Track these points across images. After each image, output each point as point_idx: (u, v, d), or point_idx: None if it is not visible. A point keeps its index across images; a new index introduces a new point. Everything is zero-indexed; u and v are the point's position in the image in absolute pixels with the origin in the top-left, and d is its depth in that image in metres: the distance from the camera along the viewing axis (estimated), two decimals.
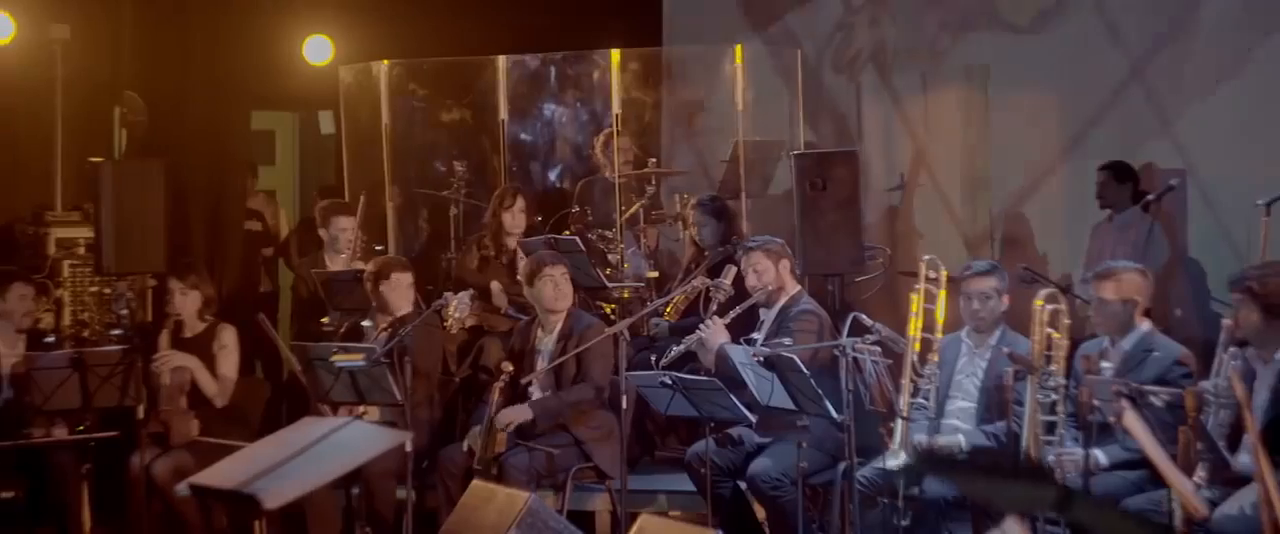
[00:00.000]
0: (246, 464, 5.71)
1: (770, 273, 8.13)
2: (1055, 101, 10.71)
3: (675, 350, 8.12)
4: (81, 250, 10.13)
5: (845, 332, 7.25)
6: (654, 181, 10.71)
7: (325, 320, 9.60)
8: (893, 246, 10.59)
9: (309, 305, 9.98)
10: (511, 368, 8.27)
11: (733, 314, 8.12)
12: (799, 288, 8.28)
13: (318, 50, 11.66)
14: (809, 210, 9.27)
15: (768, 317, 8.17)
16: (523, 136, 12.21)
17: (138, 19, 11.17)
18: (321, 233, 10.25)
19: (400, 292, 8.72)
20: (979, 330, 7.58)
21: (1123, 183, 9.83)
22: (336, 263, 10.01)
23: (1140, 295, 7.15)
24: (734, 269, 8.50)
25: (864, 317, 7.37)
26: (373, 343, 8.45)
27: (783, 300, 8.15)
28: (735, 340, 7.98)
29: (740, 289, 8.32)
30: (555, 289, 8.39)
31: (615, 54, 10.72)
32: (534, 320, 8.58)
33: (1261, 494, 5.91)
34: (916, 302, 7.47)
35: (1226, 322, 6.68)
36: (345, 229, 10.09)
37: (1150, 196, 9.49)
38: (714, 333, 8.02)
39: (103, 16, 11.05)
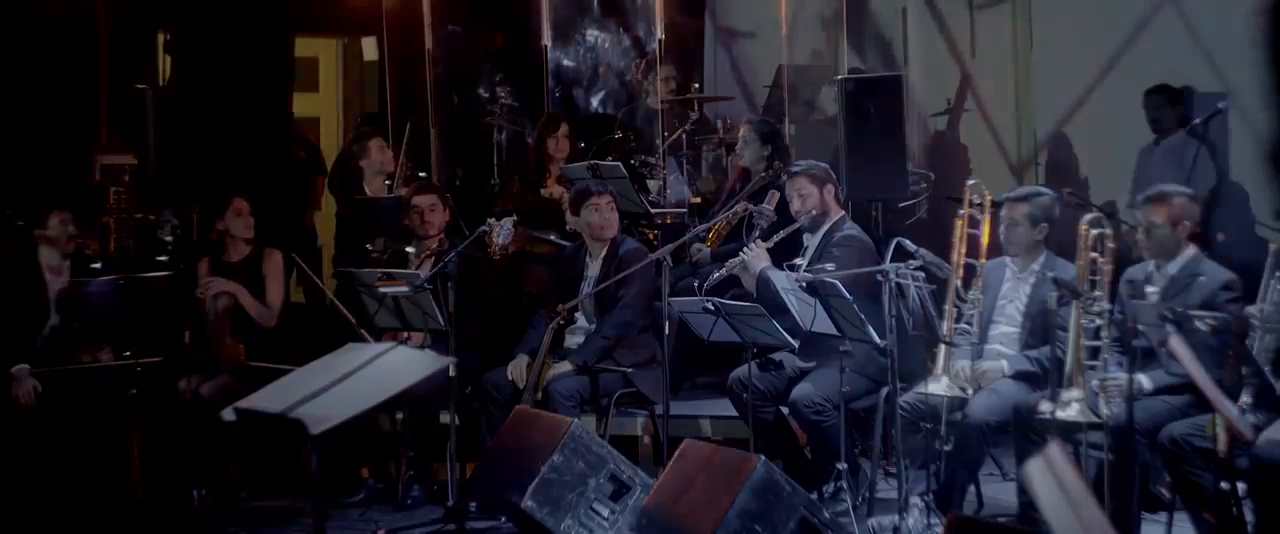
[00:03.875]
0: (292, 389, 5.73)
1: (814, 198, 8.10)
2: (1097, 24, 10.60)
3: (718, 274, 8.11)
4: (126, 177, 10.17)
5: (888, 257, 7.23)
6: (697, 107, 10.68)
7: (369, 247, 9.63)
8: (937, 172, 10.54)
9: (353, 231, 10.01)
10: (564, 308, 8.31)
11: (776, 238, 8.11)
12: (842, 213, 8.25)
13: None
14: (853, 136, 9.22)
15: (811, 242, 8.15)
16: (566, 62, 12.19)
17: None
18: (362, 163, 10.29)
19: (419, 214, 8.74)
20: (1013, 256, 7.54)
21: (1175, 106, 9.76)
22: (378, 189, 10.04)
23: (1189, 220, 7.10)
24: (777, 194, 8.48)
25: (907, 242, 7.35)
26: (416, 268, 8.48)
27: (826, 225, 8.12)
28: (777, 265, 7.97)
29: (783, 215, 8.30)
30: (600, 218, 8.40)
31: None
32: (583, 246, 8.60)
33: None
34: (960, 226, 7.43)
35: (1274, 246, 6.63)
36: (385, 153, 10.13)
37: (1197, 120, 9.40)
38: (756, 256, 8.01)
39: None
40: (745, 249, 8.11)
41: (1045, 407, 6.73)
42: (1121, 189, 9.94)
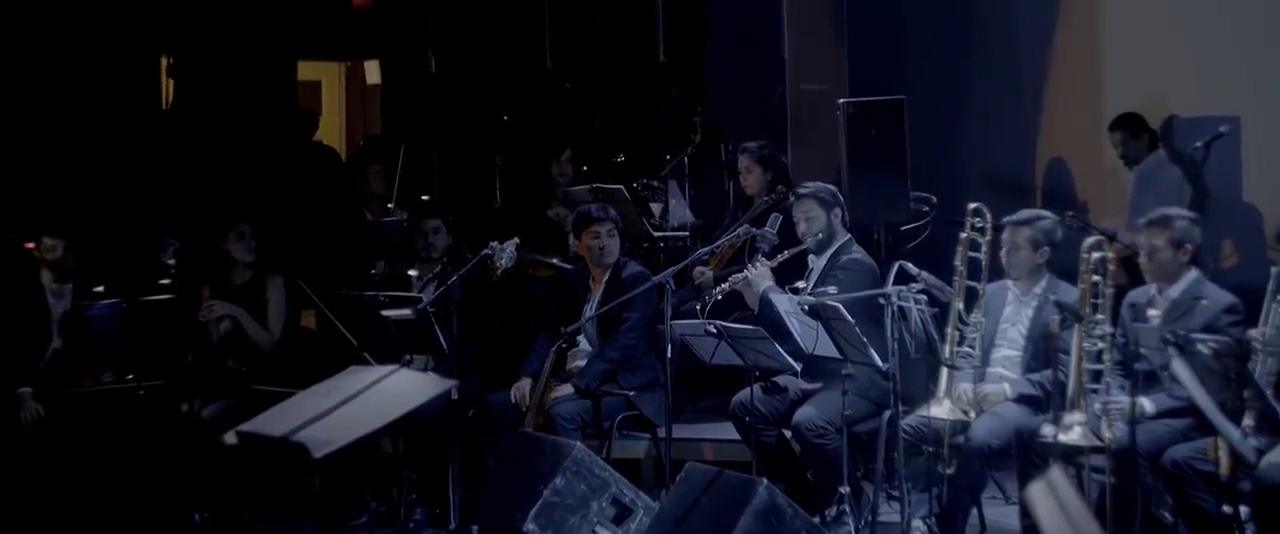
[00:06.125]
0: (294, 413, 5.74)
1: (821, 221, 8.08)
2: (1101, 46, 10.62)
3: (721, 288, 8.11)
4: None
5: (890, 280, 7.23)
6: (699, 130, 10.69)
7: (372, 272, 9.65)
8: (940, 195, 10.53)
9: (354, 255, 10.02)
10: (566, 331, 8.32)
11: (781, 258, 8.09)
12: (849, 236, 8.22)
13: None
14: (856, 159, 9.22)
15: (817, 264, 8.13)
16: (568, 84, 12.21)
17: None
18: (361, 188, 10.32)
19: (424, 237, 8.80)
20: (1015, 279, 7.55)
21: (1139, 136, 9.82)
22: (377, 213, 10.07)
23: (1191, 243, 7.10)
24: (780, 218, 8.47)
25: (909, 265, 7.34)
26: (419, 291, 8.49)
27: (832, 249, 8.11)
28: (780, 286, 7.96)
29: (785, 239, 8.30)
30: (599, 245, 8.40)
31: None
32: (585, 269, 8.60)
33: None
34: (962, 250, 7.44)
35: (1275, 269, 6.64)
36: (381, 179, 10.17)
37: (1198, 144, 9.39)
38: (760, 275, 7.99)
39: None
40: (749, 266, 8.09)
41: (1047, 430, 6.74)
42: (1122, 212, 9.94)
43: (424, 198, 10.47)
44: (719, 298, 8.11)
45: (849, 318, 7.13)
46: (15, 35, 10.66)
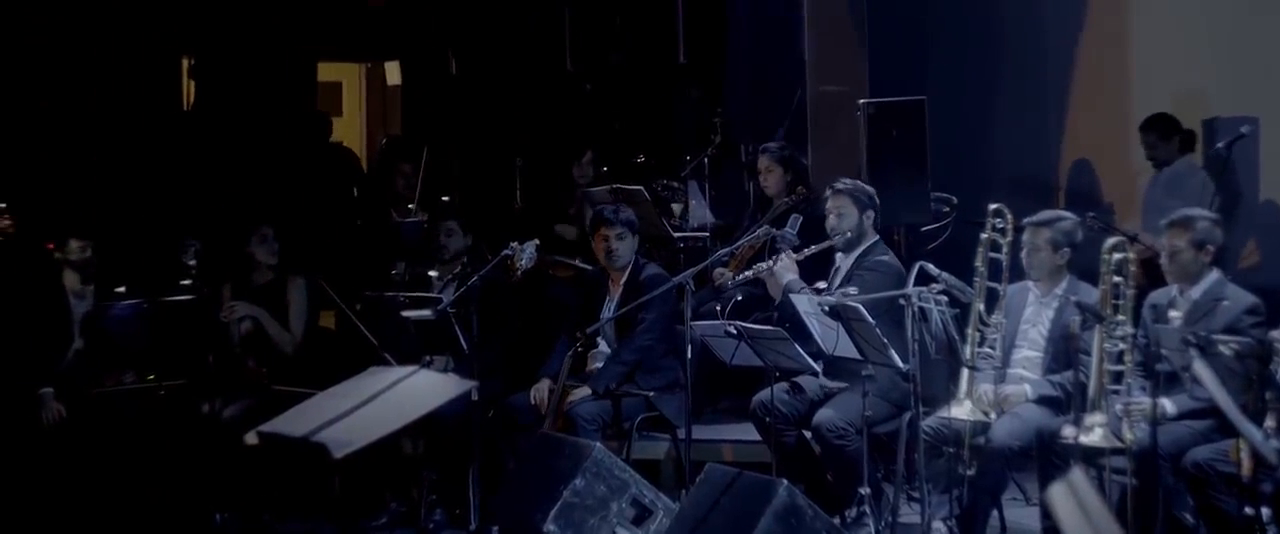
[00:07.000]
0: (314, 413, 5.74)
1: (852, 219, 8.04)
2: (1121, 47, 10.59)
3: (744, 275, 8.09)
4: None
5: (911, 281, 7.22)
6: (719, 131, 10.69)
7: (393, 273, 9.66)
8: (961, 196, 10.51)
9: (375, 255, 10.04)
10: (584, 333, 8.31)
11: (807, 252, 8.07)
12: (877, 238, 8.19)
13: None
14: (876, 160, 9.21)
15: (844, 264, 8.11)
16: (588, 85, 12.22)
17: None
18: (391, 186, 10.33)
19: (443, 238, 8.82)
20: (1035, 280, 7.53)
21: (1169, 138, 9.76)
22: (401, 213, 10.07)
23: (1212, 244, 7.08)
24: (800, 219, 8.46)
25: (930, 266, 7.33)
26: (439, 292, 8.49)
27: (860, 249, 8.08)
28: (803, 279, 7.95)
29: (806, 240, 8.27)
30: (606, 248, 8.39)
31: None
32: (606, 270, 8.60)
33: None
34: (983, 251, 7.42)
35: None
36: (407, 179, 10.17)
37: (1219, 144, 9.37)
38: (785, 266, 7.98)
39: None
40: (775, 257, 8.07)
41: (1068, 431, 6.72)
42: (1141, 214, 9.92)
43: (444, 199, 10.47)
44: (739, 297, 8.09)
45: (869, 319, 7.13)
46: (35, 37, 10.69)
